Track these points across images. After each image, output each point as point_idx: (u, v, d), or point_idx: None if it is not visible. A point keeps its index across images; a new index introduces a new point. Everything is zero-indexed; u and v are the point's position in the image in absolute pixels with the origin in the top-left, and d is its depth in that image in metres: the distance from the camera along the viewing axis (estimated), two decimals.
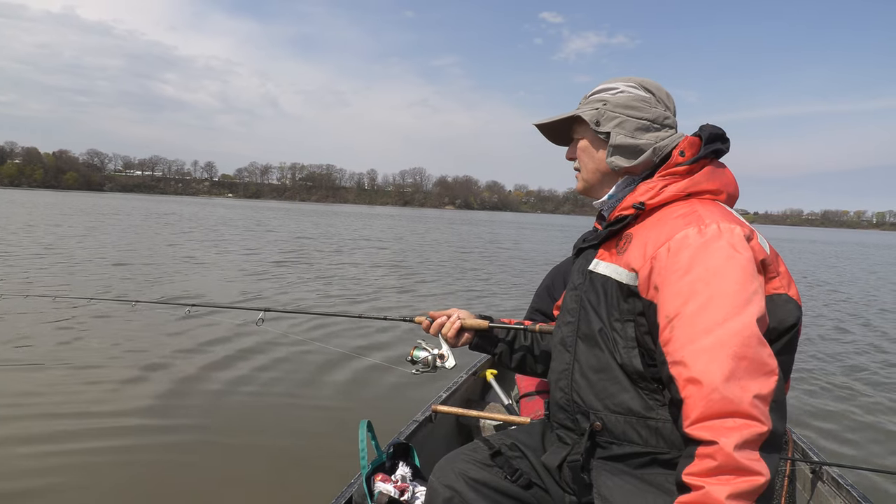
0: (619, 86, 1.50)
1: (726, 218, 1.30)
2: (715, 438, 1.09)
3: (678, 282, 1.24)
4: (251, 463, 3.72)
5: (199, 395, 4.94)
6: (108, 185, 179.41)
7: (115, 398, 4.76)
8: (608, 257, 1.46)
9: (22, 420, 4.20)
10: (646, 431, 1.33)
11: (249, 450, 3.91)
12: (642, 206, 1.40)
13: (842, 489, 2.33)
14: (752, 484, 1.06)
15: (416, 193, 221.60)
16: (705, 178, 1.39)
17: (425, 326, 1.93)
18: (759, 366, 1.13)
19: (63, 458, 3.66)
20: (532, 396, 3.01)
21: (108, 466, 3.61)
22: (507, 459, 1.60)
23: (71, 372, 5.34)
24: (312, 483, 3.46)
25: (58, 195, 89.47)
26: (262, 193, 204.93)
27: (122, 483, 3.43)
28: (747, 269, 1.22)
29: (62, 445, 3.84)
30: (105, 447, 3.85)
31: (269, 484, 3.48)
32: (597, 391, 1.41)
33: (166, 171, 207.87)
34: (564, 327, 1.54)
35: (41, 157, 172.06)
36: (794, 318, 1.30)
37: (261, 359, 5.99)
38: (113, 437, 4.03)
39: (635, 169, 1.48)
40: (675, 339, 1.21)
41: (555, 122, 1.58)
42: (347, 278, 12.55)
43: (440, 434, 3.01)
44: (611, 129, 1.46)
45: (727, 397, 1.10)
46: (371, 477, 2.12)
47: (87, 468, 3.57)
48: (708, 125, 1.43)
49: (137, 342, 6.45)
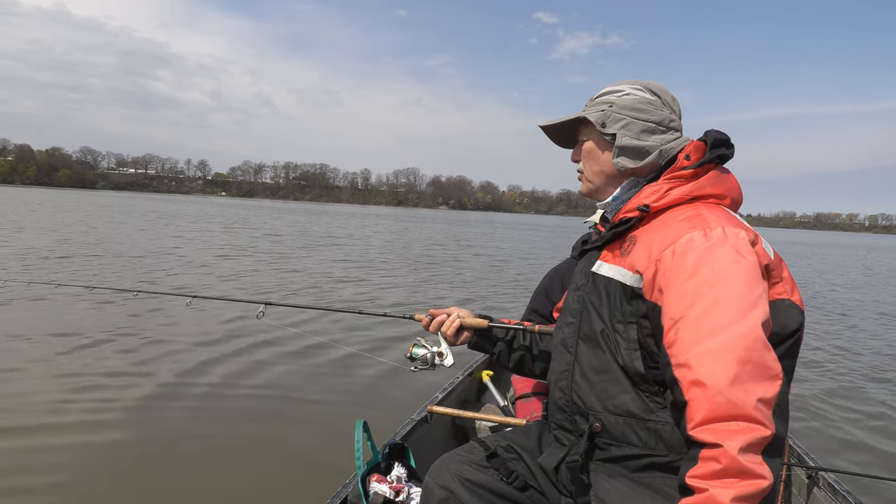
0: (626, 88, 1.51)
1: (731, 222, 1.31)
2: (719, 441, 1.09)
3: (683, 284, 1.24)
4: (244, 461, 3.69)
5: (192, 389, 4.92)
6: (101, 182, 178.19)
7: (107, 391, 4.73)
8: (612, 259, 1.46)
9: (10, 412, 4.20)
10: (645, 434, 1.33)
11: (243, 448, 3.88)
12: (647, 208, 1.40)
13: (837, 495, 2.34)
14: (756, 487, 1.07)
15: (409, 193, 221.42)
16: (710, 182, 1.40)
17: (425, 324, 1.94)
18: (764, 370, 1.13)
19: (54, 453, 3.63)
20: (528, 398, 3.00)
21: (98, 461, 3.58)
22: (502, 461, 1.60)
23: (66, 362, 5.33)
24: (307, 483, 3.44)
25: (51, 192, 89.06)
26: (255, 192, 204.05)
27: (114, 479, 3.40)
28: (752, 273, 1.23)
29: (48, 439, 3.83)
30: (95, 442, 3.83)
31: (262, 483, 3.45)
32: (597, 392, 1.41)
33: (159, 170, 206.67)
34: (566, 328, 1.54)
35: (34, 154, 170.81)
36: (796, 323, 1.30)
37: (258, 354, 5.99)
38: (104, 431, 4.01)
39: (641, 171, 1.49)
40: (679, 342, 1.21)
41: (560, 123, 1.59)
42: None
43: (436, 435, 3.00)
44: (616, 131, 1.47)
45: (732, 400, 1.10)
46: (366, 477, 2.11)
47: (72, 461, 3.55)
48: (713, 130, 1.44)
49: (134, 332, 6.48)
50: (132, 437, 3.96)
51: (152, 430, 4.08)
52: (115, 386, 4.87)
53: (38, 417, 4.16)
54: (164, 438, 3.97)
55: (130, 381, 5.00)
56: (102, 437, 3.91)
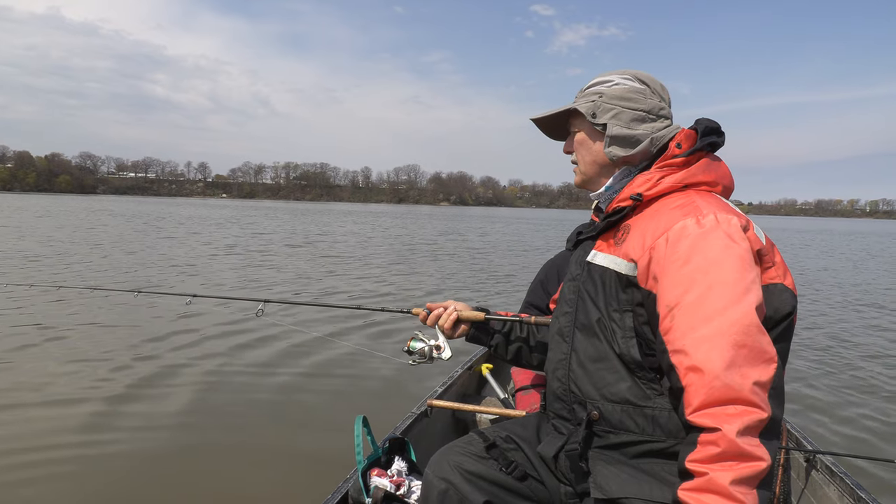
0: (615, 78, 1.52)
1: (723, 209, 1.32)
2: (717, 425, 1.10)
3: (677, 272, 1.25)
4: (245, 458, 3.71)
5: (192, 386, 4.96)
6: (102, 187, 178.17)
7: (107, 388, 4.77)
8: (606, 248, 1.47)
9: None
10: (642, 420, 1.34)
11: (243, 444, 3.91)
12: (640, 197, 1.41)
13: (835, 477, 2.35)
14: (755, 469, 1.08)
15: (410, 190, 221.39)
16: (701, 170, 1.41)
17: (422, 318, 1.95)
18: (759, 353, 1.14)
19: (53, 449, 3.66)
20: (528, 390, 3.01)
21: (99, 459, 3.61)
22: (502, 451, 1.61)
23: (66, 359, 5.38)
24: (308, 478, 3.46)
25: (52, 199, 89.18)
26: (256, 193, 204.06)
27: (114, 478, 3.42)
28: (745, 258, 1.24)
29: (49, 436, 3.86)
30: (95, 440, 3.85)
31: (263, 479, 3.47)
32: (594, 380, 1.42)
33: (159, 173, 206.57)
34: (562, 317, 1.55)
35: (34, 160, 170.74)
36: (789, 306, 1.31)
37: (257, 351, 6.03)
38: (103, 429, 4.03)
39: (633, 159, 1.50)
40: (675, 328, 1.22)
41: (551, 115, 1.60)
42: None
43: (436, 429, 3.01)
44: (607, 121, 1.48)
45: (728, 384, 1.11)
46: (367, 472, 2.12)
47: (77, 460, 3.59)
48: (704, 119, 1.45)
49: (135, 331, 6.53)
50: (132, 434, 3.98)
51: (152, 428, 4.10)
52: (114, 384, 4.89)
53: (39, 411, 4.21)
54: (163, 436, 4.00)
55: (129, 380, 5.02)
56: (102, 438, 3.92)
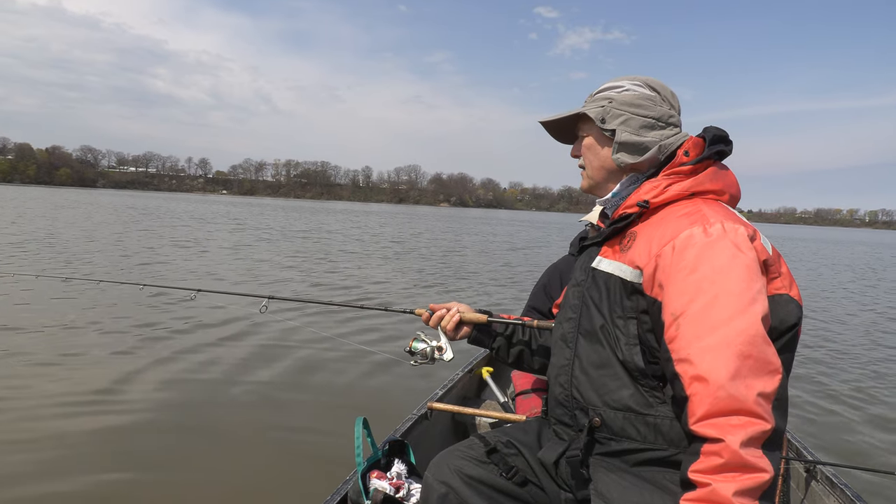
0: (625, 84, 1.52)
1: (730, 218, 1.32)
2: (721, 436, 1.10)
3: (684, 280, 1.25)
4: (244, 458, 3.70)
5: (192, 383, 4.95)
6: (102, 181, 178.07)
7: (109, 385, 4.75)
8: (612, 255, 1.46)
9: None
10: (644, 428, 1.34)
11: (243, 444, 3.89)
12: (646, 204, 1.41)
13: (835, 488, 2.34)
14: (758, 481, 1.08)
15: (410, 191, 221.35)
16: (709, 178, 1.41)
17: (425, 319, 1.94)
18: (764, 364, 1.14)
19: (51, 446, 3.65)
20: (528, 394, 3.00)
21: (97, 458, 3.58)
22: (502, 456, 1.60)
23: (67, 354, 5.37)
24: (307, 479, 3.45)
25: (50, 191, 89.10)
26: (256, 190, 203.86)
27: (113, 476, 3.39)
28: (751, 268, 1.23)
29: (50, 431, 3.85)
30: (95, 440, 3.83)
31: (263, 479, 3.46)
32: (596, 387, 1.41)
33: (160, 168, 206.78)
34: (566, 323, 1.54)
35: (34, 153, 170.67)
36: (794, 317, 1.31)
37: (259, 348, 6.03)
38: (102, 426, 4.01)
39: (641, 166, 1.49)
40: (680, 337, 1.22)
41: (560, 119, 1.59)
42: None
43: (436, 431, 3.00)
44: (616, 127, 1.48)
45: (733, 395, 1.11)
46: (367, 474, 2.11)
47: (73, 457, 3.58)
48: (712, 127, 1.45)
49: (137, 326, 6.55)
50: (132, 432, 3.97)
51: (152, 426, 4.09)
52: (115, 381, 4.88)
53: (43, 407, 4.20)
54: (163, 435, 3.98)
55: (131, 375, 5.02)
56: (101, 437, 3.91)
